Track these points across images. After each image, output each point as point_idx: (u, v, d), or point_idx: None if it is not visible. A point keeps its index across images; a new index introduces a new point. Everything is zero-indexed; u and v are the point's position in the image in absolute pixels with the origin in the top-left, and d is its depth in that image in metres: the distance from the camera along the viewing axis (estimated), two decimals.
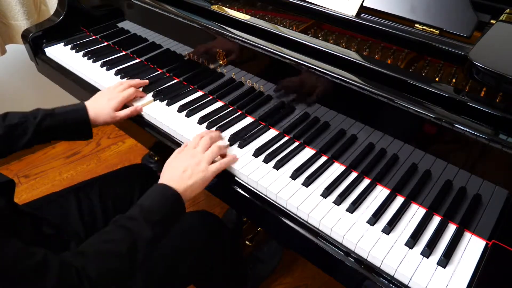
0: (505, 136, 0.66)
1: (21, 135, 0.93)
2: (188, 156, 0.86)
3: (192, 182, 0.82)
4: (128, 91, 1.07)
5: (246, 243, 1.53)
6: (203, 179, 0.84)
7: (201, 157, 0.86)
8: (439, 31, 0.83)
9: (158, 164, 1.97)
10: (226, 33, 0.97)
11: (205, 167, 0.85)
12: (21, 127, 0.93)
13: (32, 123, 0.93)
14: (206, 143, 0.89)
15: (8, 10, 1.59)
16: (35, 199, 1.01)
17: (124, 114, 1.04)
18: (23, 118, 0.93)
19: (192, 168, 0.84)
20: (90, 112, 1.00)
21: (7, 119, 0.93)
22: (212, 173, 0.85)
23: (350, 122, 0.86)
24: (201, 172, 0.84)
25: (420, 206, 0.82)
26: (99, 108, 1.02)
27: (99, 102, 1.03)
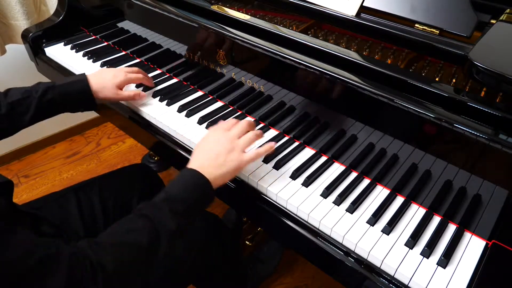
0: (505, 136, 0.66)
1: (25, 111, 0.92)
2: (222, 140, 0.80)
3: (224, 171, 0.77)
4: (137, 75, 1.06)
5: (246, 243, 1.53)
6: (235, 168, 0.78)
7: (236, 143, 0.80)
8: (439, 31, 0.83)
9: (158, 164, 1.97)
10: (226, 33, 0.97)
11: (238, 155, 0.79)
12: (23, 103, 0.92)
13: (34, 98, 0.92)
14: (242, 128, 0.83)
15: (8, 10, 1.59)
16: (35, 199, 1.01)
17: (127, 95, 1.03)
18: (25, 94, 0.92)
19: (226, 155, 0.78)
20: (92, 84, 0.98)
21: (9, 96, 0.92)
22: (245, 163, 0.79)
23: (350, 122, 0.86)
24: (234, 161, 0.78)
25: (420, 206, 0.82)
26: (102, 82, 1.00)
27: (103, 75, 1.02)
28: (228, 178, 0.79)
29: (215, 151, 0.78)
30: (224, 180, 0.78)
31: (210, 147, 0.80)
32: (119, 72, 1.04)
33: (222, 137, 0.81)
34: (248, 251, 1.53)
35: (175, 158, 1.03)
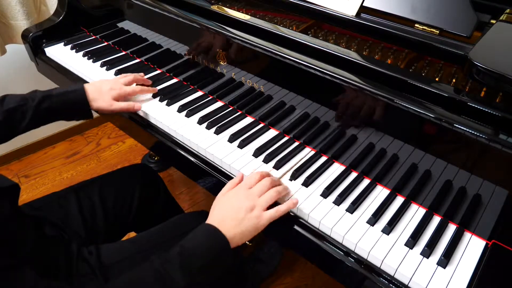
0: (505, 136, 0.66)
1: (21, 119, 0.92)
2: (242, 197, 0.77)
3: (243, 229, 0.73)
4: (133, 88, 1.07)
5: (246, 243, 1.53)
6: (255, 227, 0.75)
7: (257, 201, 0.76)
8: (439, 31, 0.83)
9: (158, 164, 1.97)
10: (226, 33, 0.97)
11: (259, 213, 0.75)
12: (20, 110, 0.92)
13: (31, 106, 0.93)
14: (264, 186, 0.79)
15: (8, 10, 1.59)
16: (35, 199, 1.01)
17: (121, 107, 1.03)
18: (22, 102, 0.93)
19: (246, 213, 0.74)
20: (89, 95, 0.99)
21: (5, 103, 0.92)
22: (266, 221, 0.76)
23: (350, 122, 0.86)
24: (254, 219, 0.75)
25: (420, 206, 0.82)
26: (99, 92, 1.01)
27: (100, 87, 1.03)
28: (246, 237, 0.75)
29: (235, 209, 0.75)
30: (242, 239, 0.74)
31: (230, 204, 0.77)
32: (117, 85, 1.05)
33: (243, 195, 0.78)
34: (248, 251, 1.53)
35: (175, 158, 1.03)
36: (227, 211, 0.76)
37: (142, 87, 1.10)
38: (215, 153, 0.93)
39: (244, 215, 0.74)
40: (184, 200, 1.82)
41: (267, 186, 0.80)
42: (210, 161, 0.95)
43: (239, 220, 0.74)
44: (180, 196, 1.84)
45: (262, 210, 0.76)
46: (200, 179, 1.00)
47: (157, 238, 0.94)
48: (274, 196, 0.79)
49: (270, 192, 0.79)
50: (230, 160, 0.91)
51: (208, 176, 0.95)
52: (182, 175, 1.93)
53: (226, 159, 0.92)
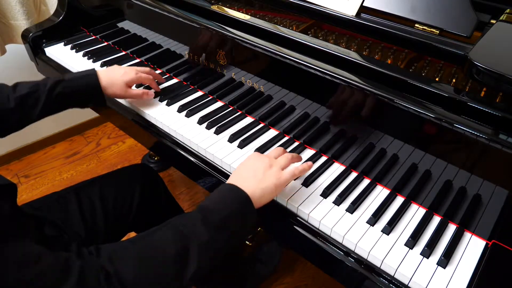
0: (505, 136, 0.66)
1: (34, 105, 0.92)
2: (261, 159, 0.78)
3: (264, 186, 0.73)
4: (147, 76, 1.06)
5: (246, 243, 1.53)
6: (275, 184, 0.74)
7: (275, 161, 0.78)
8: (439, 31, 0.83)
9: (158, 164, 1.97)
10: (226, 33, 0.97)
11: (277, 171, 0.76)
12: (32, 96, 0.91)
13: (43, 92, 0.92)
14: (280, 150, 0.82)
15: (8, 10, 1.59)
16: (35, 199, 1.01)
17: (136, 93, 1.03)
18: (34, 88, 0.92)
19: (264, 171, 0.75)
20: (102, 79, 0.99)
21: (17, 90, 0.92)
22: (285, 179, 0.76)
23: (350, 122, 0.86)
24: (273, 177, 0.75)
25: (420, 206, 0.82)
26: (112, 78, 1.00)
27: (113, 72, 1.02)
28: (267, 196, 0.74)
29: (253, 167, 0.76)
30: (262, 198, 0.73)
31: (249, 164, 0.78)
32: (130, 70, 1.04)
33: (260, 157, 0.79)
34: (248, 251, 1.53)
35: (175, 158, 1.03)
36: (245, 171, 0.76)
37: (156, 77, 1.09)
38: (215, 153, 0.93)
39: (263, 173, 0.74)
40: (184, 200, 1.82)
41: (282, 151, 0.82)
42: (210, 161, 0.95)
43: (259, 178, 0.73)
44: (180, 196, 1.84)
45: (280, 169, 0.77)
46: (200, 179, 1.00)
47: None
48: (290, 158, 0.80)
49: (285, 155, 0.80)
50: (230, 160, 0.91)
51: (208, 176, 0.95)
52: (182, 175, 1.93)
53: (226, 159, 0.92)
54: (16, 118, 0.92)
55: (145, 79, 1.07)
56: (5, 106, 0.90)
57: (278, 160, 0.79)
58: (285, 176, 0.76)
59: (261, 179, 0.74)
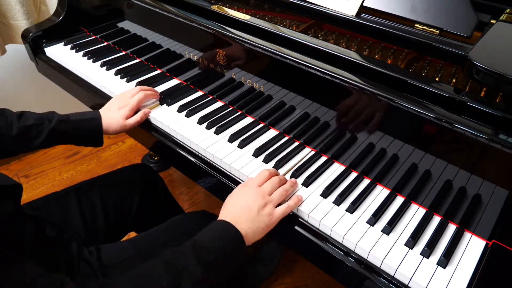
0: (505, 136, 0.66)
1: (34, 138, 0.94)
2: (253, 195, 0.77)
3: (257, 226, 0.74)
4: (138, 96, 1.05)
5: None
6: (267, 224, 0.75)
7: (268, 198, 0.77)
8: (439, 31, 0.83)
9: (158, 164, 1.97)
10: (226, 33, 0.97)
11: (271, 210, 0.76)
12: (35, 129, 0.94)
13: (47, 127, 0.94)
14: (274, 184, 0.81)
15: (8, 10, 1.59)
16: (35, 199, 1.01)
17: (134, 121, 1.03)
18: (39, 121, 0.94)
19: (258, 210, 0.75)
20: (103, 123, 1.00)
21: (22, 120, 0.93)
22: (277, 218, 0.77)
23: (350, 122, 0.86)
24: (266, 216, 0.75)
25: (420, 206, 0.82)
26: (110, 119, 1.01)
27: (110, 112, 1.03)
28: (259, 235, 0.75)
29: (247, 207, 0.76)
30: (255, 237, 0.74)
31: (242, 202, 0.77)
32: (124, 101, 1.04)
33: (254, 193, 0.78)
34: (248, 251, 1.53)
35: (175, 158, 1.03)
36: (239, 209, 0.76)
37: (145, 92, 1.08)
38: (215, 153, 0.93)
39: (257, 213, 0.75)
40: (184, 200, 1.82)
41: (277, 184, 0.81)
42: (210, 161, 0.95)
43: (252, 218, 0.74)
44: (180, 196, 1.84)
45: (274, 207, 0.77)
46: (200, 179, 1.00)
47: (157, 238, 0.94)
48: (283, 194, 0.80)
49: (280, 190, 0.80)
50: (230, 160, 0.91)
51: (208, 176, 0.95)
52: (182, 175, 1.93)
53: (226, 159, 0.92)
54: (14, 146, 0.93)
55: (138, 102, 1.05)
56: (6, 133, 0.91)
57: (272, 197, 0.78)
58: (277, 216, 0.77)
59: (254, 219, 0.74)
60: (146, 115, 1.06)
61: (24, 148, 0.95)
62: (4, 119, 0.92)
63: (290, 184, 0.83)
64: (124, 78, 1.21)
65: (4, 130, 0.91)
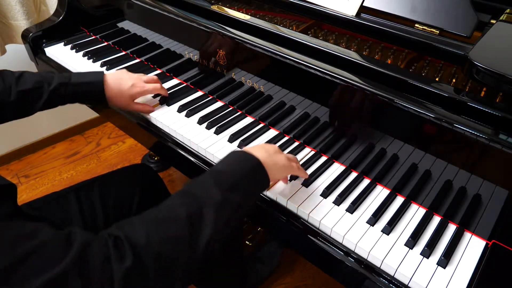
0: (505, 136, 0.66)
1: (34, 101, 0.92)
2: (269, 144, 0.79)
3: (275, 159, 0.72)
4: (154, 85, 1.04)
5: (246, 243, 1.53)
6: (284, 166, 0.74)
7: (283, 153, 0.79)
8: (439, 31, 0.83)
9: (158, 164, 1.97)
10: (226, 33, 0.97)
11: (286, 158, 0.76)
12: (35, 93, 0.92)
13: (46, 90, 0.92)
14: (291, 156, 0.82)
15: (8, 10, 1.59)
16: (35, 199, 1.01)
17: (137, 108, 1.03)
18: (37, 84, 0.92)
19: (274, 153, 0.74)
20: (108, 90, 0.98)
21: (20, 83, 0.91)
22: (291, 167, 0.76)
23: (350, 122, 0.86)
24: (283, 160, 0.75)
25: (420, 206, 0.82)
26: (119, 90, 0.99)
27: (121, 84, 0.99)
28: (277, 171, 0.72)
29: (264, 147, 0.75)
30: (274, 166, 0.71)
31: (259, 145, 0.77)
32: (138, 82, 1.01)
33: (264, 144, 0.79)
34: (248, 251, 1.53)
35: (175, 158, 1.03)
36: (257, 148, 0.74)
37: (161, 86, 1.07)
38: (215, 153, 0.93)
39: (273, 152, 0.74)
40: None
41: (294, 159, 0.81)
42: (210, 161, 0.95)
43: (270, 153, 0.72)
44: None
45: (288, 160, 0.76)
46: None
47: None
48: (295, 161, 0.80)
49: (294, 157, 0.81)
50: None
51: None
52: (182, 175, 1.93)
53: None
54: (13, 111, 0.92)
55: (153, 90, 1.05)
56: (5, 98, 0.90)
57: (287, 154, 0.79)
58: (292, 165, 0.76)
59: (271, 154, 0.72)
60: (149, 111, 1.05)
61: (24, 113, 0.94)
62: (2, 83, 0.90)
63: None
64: None
65: (2, 96, 0.89)
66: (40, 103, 0.93)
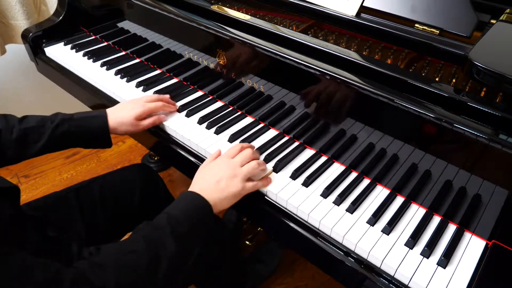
0: (505, 136, 0.66)
1: (36, 140, 0.89)
2: (224, 166, 0.81)
3: (225, 195, 0.77)
4: (156, 104, 1.01)
5: (246, 243, 1.53)
6: (235, 195, 0.79)
7: (238, 171, 0.80)
8: (439, 31, 0.83)
9: (158, 164, 1.97)
10: (226, 33, 0.97)
11: (240, 182, 0.79)
12: (37, 131, 0.90)
13: (49, 128, 0.90)
14: (246, 157, 0.83)
15: (8, 10, 1.59)
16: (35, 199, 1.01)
17: (147, 123, 0.99)
18: (41, 122, 0.90)
19: (227, 181, 0.78)
20: (111, 121, 0.96)
21: (24, 122, 0.90)
22: (246, 191, 0.80)
23: (350, 122, 0.86)
24: (235, 187, 0.78)
25: (420, 206, 0.82)
26: (121, 117, 0.97)
27: (122, 110, 0.98)
28: (227, 204, 0.79)
29: (217, 177, 0.79)
30: (223, 206, 0.78)
31: (212, 172, 0.80)
32: (137, 104, 1.00)
33: (225, 164, 0.81)
34: (248, 251, 1.53)
35: (175, 158, 1.03)
36: (209, 179, 0.79)
37: (164, 103, 1.04)
38: None
39: (226, 183, 0.78)
40: None
41: (249, 156, 0.84)
42: None
43: (221, 187, 0.77)
44: None
45: (243, 180, 0.80)
46: None
47: None
48: (255, 167, 0.82)
49: (252, 163, 0.82)
50: None
51: None
52: (182, 175, 1.93)
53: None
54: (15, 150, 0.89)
55: (155, 109, 1.01)
56: (7, 137, 0.87)
57: (243, 170, 0.80)
58: (246, 189, 0.80)
59: (223, 189, 0.77)
60: (160, 120, 1.02)
61: (26, 152, 0.90)
62: (5, 123, 0.89)
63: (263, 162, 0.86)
64: (124, 78, 1.21)
65: (4, 133, 0.87)
66: (41, 142, 0.89)
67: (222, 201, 0.77)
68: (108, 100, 1.18)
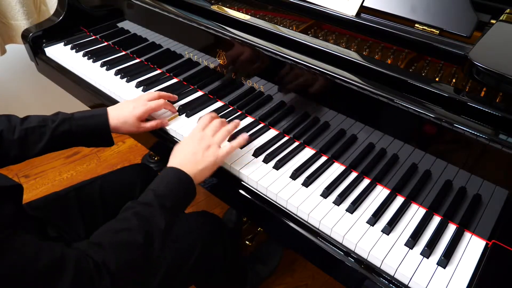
0: (505, 136, 0.66)
1: (37, 140, 0.89)
2: (197, 139, 0.86)
3: (203, 166, 0.82)
4: (157, 102, 1.01)
5: (246, 243, 1.53)
6: (213, 163, 0.84)
7: (211, 140, 0.86)
8: (439, 31, 0.83)
9: (158, 164, 1.97)
10: (226, 33, 0.97)
11: (215, 150, 0.85)
12: (38, 131, 0.90)
13: (50, 128, 0.90)
14: (216, 126, 0.89)
15: (8, 10, 1.59)
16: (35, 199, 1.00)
17: (150, 126, 0.99)
18: (42, 122, 0.90)
19: (202, 152, 0.83)
20: (112, 119, 0.95)
21: (26, 122, 0.90)
22: (222, 157, 0.85)
23: (350, 122, 0.86)
24: (211, 156, 0.83)
25: (420, 206, 0.82)
26: (123, 116, 0.96)
27: (123, 109, 0.98)
28: (207, 174, 0.84)
29: (192, 150, 0.83)
30: (202, 176, 0.83)
31: (187, 147, 0.85)
32: (139, 103, 0.99)
33: (198, 137, 0.86)
34: (248, 251, 1.53)
35: None
36: (185, 153, 0.83)
37: (166, 102, 1.04)
38: None
39: (201, 155, 0.83)
40: None
41: (219, 126, 0.90)
42: None
43: (198, 159, 0.82)
44: None
45: (218, 147, 0.86)
46: None
47: None
48: (225, 134, 0.89)
49: (222, 131, 0.89)
50: (230, 160, 0.91)
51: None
52: None
53: (226, 159, 0.91)
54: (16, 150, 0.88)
55: (156, 107, 1.00)
56: (8, 137, 0.87)
57: (215, 138, 0.87)
58: (222, 154, 0.85)
59: (199, 161, 0.82)
60: (163, 124, 1.02)
61: (28, 152, 0.90)
62: (7, 123, 0.89)
63: (233, 125, 0.92)
64: (124, 78, 1.21)
65: (6, 134, 0.87)
66: (43, 142, 0.89)
67: (201, 172, 0.82)
68: (108, 100, 1.18)
